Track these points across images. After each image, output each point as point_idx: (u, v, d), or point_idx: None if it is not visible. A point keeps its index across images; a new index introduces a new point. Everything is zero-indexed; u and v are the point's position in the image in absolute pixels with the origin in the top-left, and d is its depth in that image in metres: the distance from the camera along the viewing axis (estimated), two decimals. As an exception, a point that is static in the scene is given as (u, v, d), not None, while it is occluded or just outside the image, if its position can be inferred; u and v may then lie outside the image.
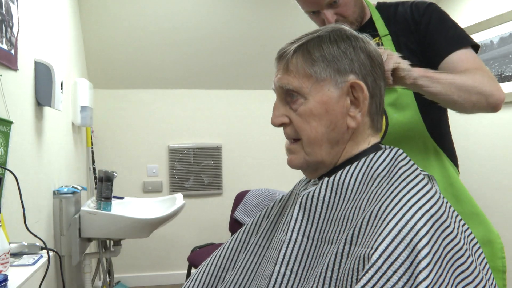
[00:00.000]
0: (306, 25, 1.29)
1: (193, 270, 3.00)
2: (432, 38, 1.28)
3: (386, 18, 1.36)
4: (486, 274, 0.78)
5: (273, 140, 3.67)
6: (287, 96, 0.88)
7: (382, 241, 0.67)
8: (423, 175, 0.83)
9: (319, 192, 0.84)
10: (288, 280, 0.80)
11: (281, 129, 0.91)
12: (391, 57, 1.03)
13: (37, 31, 1.87)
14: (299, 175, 0.93)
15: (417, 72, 1.08)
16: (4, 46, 1.43)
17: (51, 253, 1.37)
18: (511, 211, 2.85)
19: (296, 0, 1.33)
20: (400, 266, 0.65)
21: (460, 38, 1.26)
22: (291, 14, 3.34)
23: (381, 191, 0.77)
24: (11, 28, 1.49)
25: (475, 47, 1.27)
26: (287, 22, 3.36)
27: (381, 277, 0.65)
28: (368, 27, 1.36)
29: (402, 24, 1.33)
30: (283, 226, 0.89)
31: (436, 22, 1.28)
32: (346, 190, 0.82)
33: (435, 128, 1.32)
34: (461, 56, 1.23)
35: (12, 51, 1.51)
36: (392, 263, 0.65)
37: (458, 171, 1.36)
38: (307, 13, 1.35)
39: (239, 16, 3.32)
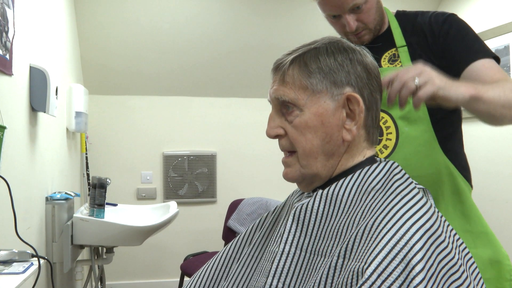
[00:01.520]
0: (303, 36, 1.29)
1: (186, 279, 2.99)
2: (452, 48, 1.24)
3: (404, 28, 1.32)
4: (480, 290, 0.78)
5: (268, 148, 3.66)
6: (283, 107, 0.88)
7: (376, 256, 0.67)
8: (418, 188, 0.82)
9: (313, 204, 0.83)
10: (281, 293, 0.80)
11: (277, 139, 0.91)
12: (431, 83, 0.95)
13: (33, 36, 1.87)
14: (293, 184, 0.92)
15: (466, 95, 0.98)
16: (-1, 51, 1.43)
17: (42, 261, 1.36)
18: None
19: (318, 3, 1.28)
20: (394, 281, 0.65)
21: (482, 49, 1.22)
22: (288, 24, 3.35)
23: (376, 205, 0.77)
24: (7, 32, 1.49)
25: (497, 60, 1.23)
26: (284, 31, 3.37)
27: (375, 292, 0.64)
28: (386, 37, 1.33)
29: (419, 35, 1.29)
30: (276, 237, 0.88)
31: (456, 33, 1.24)
32: (340, 203, 0.81)
33: (447, 143, 1.27)
34: (485, 65, 1.19)
35: (7, 56, 1.50)
36: (386, 278, 0.65)
37: (471, 186, 1.31)
38: (327, 17, 1.32)
39: (235, 25, 3.33)
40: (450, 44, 1.24)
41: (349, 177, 0.84)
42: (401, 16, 1.36)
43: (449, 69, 1.18)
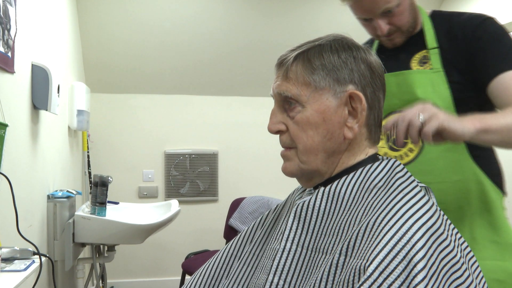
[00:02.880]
0: (304, 34, 1.28)
1: (187, 277, 2.99)
2: (481, 55, 1.17)
3: (438, 29, 1.27)
4: (482, 288, 0.77)
5: (270, 147, 3.64)
6: (285, 103, 0.87)
7: (378, 253, 0.67)
8: (420, 187, 0.82)
9: (315, 201, 0.83)
10: (282, 291, 0.79)
11: (278, 136, 0.91)
12: (435, 117, 0.93)
13: (35, 34, 1.87)
14: (295, 183, 0.92)
15: (471, 128, 0.95)
16: (1, 49, 1.43)
17: (43, 258, 1.36)
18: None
19: (349, 6, 1.25)
20: (396, 279, 0.64)
21: None
22: (289, 23, 3.35)
23: (378, 202, 0.76)
24: (9, 30, 1.49)
25: None
26: (286, 30, 3.36)
27: (376, 290, 0.64)
28: (418, 38, 1.29)
29: (451, 38, 1.24)
30: (277, 235, 0.88)
31: (489, 39, 1.17)
32: (342, 200, 0.81)
33: (477, 148, 1.19)
34: None
35: (9, 54, 1.50)
36: (388, 276, 0.65)
37: (504, 192, 1.24)
38: (359, 19, 1.29)
39: (236, 24, 3.33)
40: (480, 51, 1.18)
41: (351, 174, 0.84)
42: (436, 16, 1.30)
43: (478, 76, 1.13)
